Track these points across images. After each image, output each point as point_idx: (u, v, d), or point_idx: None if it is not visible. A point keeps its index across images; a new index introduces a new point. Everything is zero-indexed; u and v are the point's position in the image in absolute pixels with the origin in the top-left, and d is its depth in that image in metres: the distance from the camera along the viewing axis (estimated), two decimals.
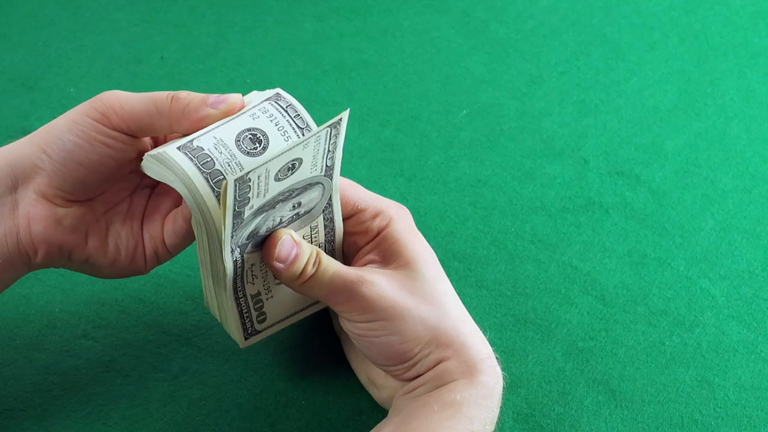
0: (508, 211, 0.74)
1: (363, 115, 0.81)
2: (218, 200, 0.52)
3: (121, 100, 0.55)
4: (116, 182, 0.58)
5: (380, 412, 0.61)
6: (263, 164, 0.50)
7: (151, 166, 0.54)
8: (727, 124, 0.82)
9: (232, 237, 0.52)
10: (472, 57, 0.87)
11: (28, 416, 0.61)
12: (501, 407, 0.58)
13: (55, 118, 0.56)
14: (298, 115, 0.54)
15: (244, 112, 0.54)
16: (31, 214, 0.55)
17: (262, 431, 0.61)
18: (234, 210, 0.51)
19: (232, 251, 0.53)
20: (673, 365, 0.66)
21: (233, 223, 0.51)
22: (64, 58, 0.84)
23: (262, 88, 0.83)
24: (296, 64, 0.85)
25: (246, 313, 0.57)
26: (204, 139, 0.53)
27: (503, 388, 0.58)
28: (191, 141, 0.53)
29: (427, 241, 0.60)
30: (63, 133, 0.55)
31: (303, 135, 0.54)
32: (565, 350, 0.66)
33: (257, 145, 0.53)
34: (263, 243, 0.55)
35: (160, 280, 0.68)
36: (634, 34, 0.90)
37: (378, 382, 0.60)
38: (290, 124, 0.54)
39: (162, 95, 0.55)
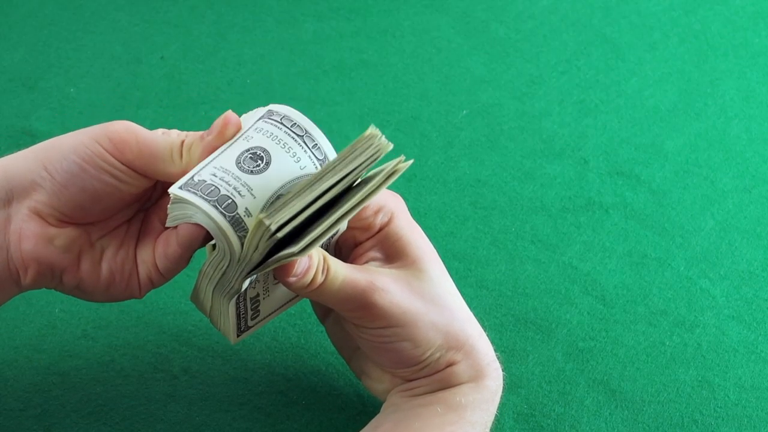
0: (508, 211, 0.74)
1: (363, 115, 0.81)
2: (232, 226, 0.50)
3: (139, 140, 0.52)
4: (117, 211, 0.55)
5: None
6: (325, 235, 0.49)
7: (172, 215, 0.52)
8: (727, 124, 0.82)
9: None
10: (472, 57, 0.87)
11: (28, 416, 0.61)
12: (501, 407, 0.58)
13: (55, 118, 0.55)
14: (295, 123, 0.53)
15: (238, 138, 0.53)
16: (23, 231, 0.52)
17: (262, 431, 0.61)
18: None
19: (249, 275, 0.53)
20: (673, 365, 0.66)
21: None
22: (64, 58, 0.84)
23: (263, 89, 0.83)
24: (296, 64, 0.85)
25: (243, 314, 0.57)
26: (204, 173, 0.51)
27: (503, 389, 0.58)
28: (191, 177, 0.51)
29: None
30: (69, 153, 0.52)
31: (305, 143, 0.53)
32: (566, 350, 0.66)
33: (259, 162, 0.51)
34: None
35: None
36: (634, 34, 0.90)
37: (373, 375, 0.59)
38: (289, 135, 0.52)
39: (178, 143, 0.53)
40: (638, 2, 0.93)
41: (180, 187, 0.51)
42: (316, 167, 0.52)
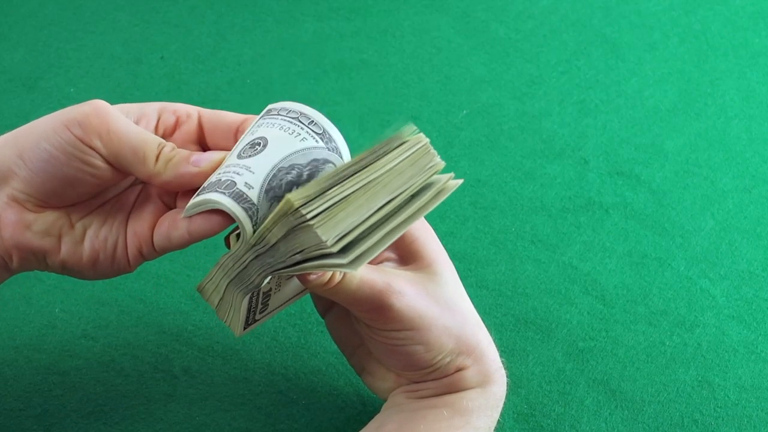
0: (508, 211, 0.74)
1: (363, 115, 0.81)
2: (235, 200, 0.51)
3: (111, 130, 0.51)
4: (95, 195, 0.54)
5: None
6: (376, 250, 0.49)
7: (189, 208, 0.52)
8: (727, 124, 0.82)
9: None
10: (472, 57, 0.87)
11: (28, 416, 0.61)
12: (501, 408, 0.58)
13: None
14: (290, 111, 0.54)
15: (239, 143, 0.54)
16: (2, 219, 0.52)
17: (262, 431, 0.61)
18: None
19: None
20: (673, 365, 0.66)
21: None
22: (64, 58, 0.84)
23: (263, 88, 0.83)
24: (296, 64, 0.85)
25: (253, 308, 0.57)
26: (211, 176, 0.52)
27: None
28: (203, 187, 0.52)
29: None
30: (41, 140, 0.51)
31: (300, 121, 0.53)
32: (566, 350, 0.66)
33: (257, 147, 0.53)
34: None
35: (160, 280, 0.68)
36: (634, 34, 0.90)
37: (377, 374, 0.59)
38: (285, 119, 0.54)
39: (153, 145, 0.52)
40: (638, 2, 0.93)
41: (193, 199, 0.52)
42: (316, 141, 0.53)
